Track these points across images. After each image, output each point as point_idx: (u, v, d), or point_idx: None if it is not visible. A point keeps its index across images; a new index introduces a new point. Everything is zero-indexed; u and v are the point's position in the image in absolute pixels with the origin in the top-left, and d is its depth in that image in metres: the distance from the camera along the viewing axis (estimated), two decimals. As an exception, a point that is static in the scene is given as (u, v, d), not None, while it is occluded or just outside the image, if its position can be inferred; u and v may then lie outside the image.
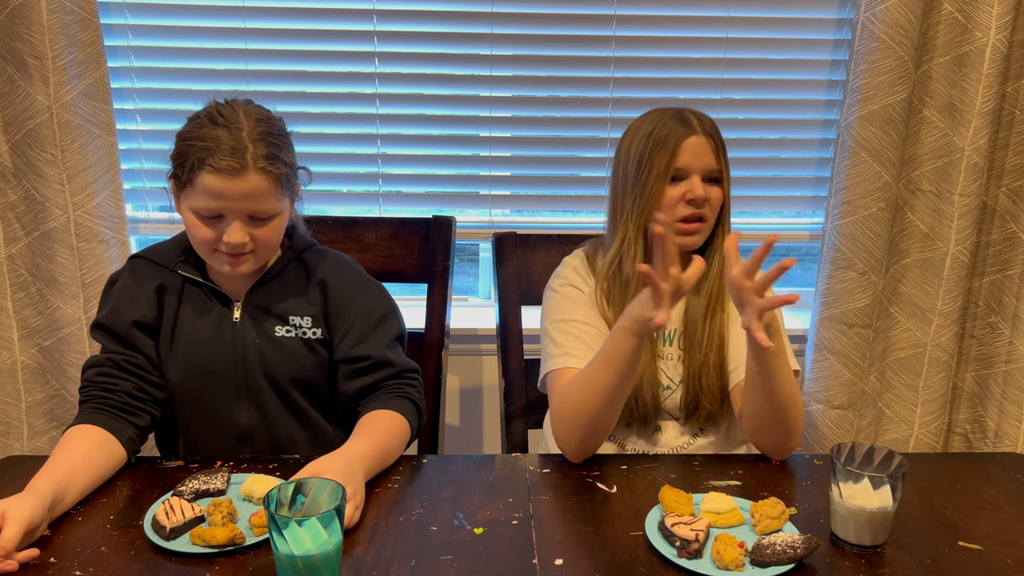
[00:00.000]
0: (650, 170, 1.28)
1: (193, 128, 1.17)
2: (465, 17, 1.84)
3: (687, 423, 1.36)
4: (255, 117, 1.17)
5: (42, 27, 1.61)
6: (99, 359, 1.24)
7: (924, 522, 1.09)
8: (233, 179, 1.13)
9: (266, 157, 1.14)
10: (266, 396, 1.28)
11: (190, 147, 1.15)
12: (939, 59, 1.74)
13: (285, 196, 1.21)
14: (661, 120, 1.30)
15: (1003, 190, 1.85)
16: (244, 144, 1.13)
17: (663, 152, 1.28)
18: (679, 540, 0.99)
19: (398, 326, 1.34)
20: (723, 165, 1.31)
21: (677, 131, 1.28)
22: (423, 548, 1.01)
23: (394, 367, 1.29)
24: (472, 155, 1.96)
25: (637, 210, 1.31)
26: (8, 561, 0.93)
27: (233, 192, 1.13)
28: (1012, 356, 1.90)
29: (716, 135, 1.31)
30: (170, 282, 1.28)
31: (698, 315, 1.34)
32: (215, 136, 1.13)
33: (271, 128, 1.18)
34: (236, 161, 1.12)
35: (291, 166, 1.21)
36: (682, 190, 1.29)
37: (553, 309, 1.37)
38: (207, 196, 1.14)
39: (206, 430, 1.30)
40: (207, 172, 1.13)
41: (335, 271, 1.33)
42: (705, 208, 1.29)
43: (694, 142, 1.28)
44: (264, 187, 1.15)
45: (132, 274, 1.29)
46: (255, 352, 1.27)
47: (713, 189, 1.30)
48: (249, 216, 1.17)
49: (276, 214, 1.20)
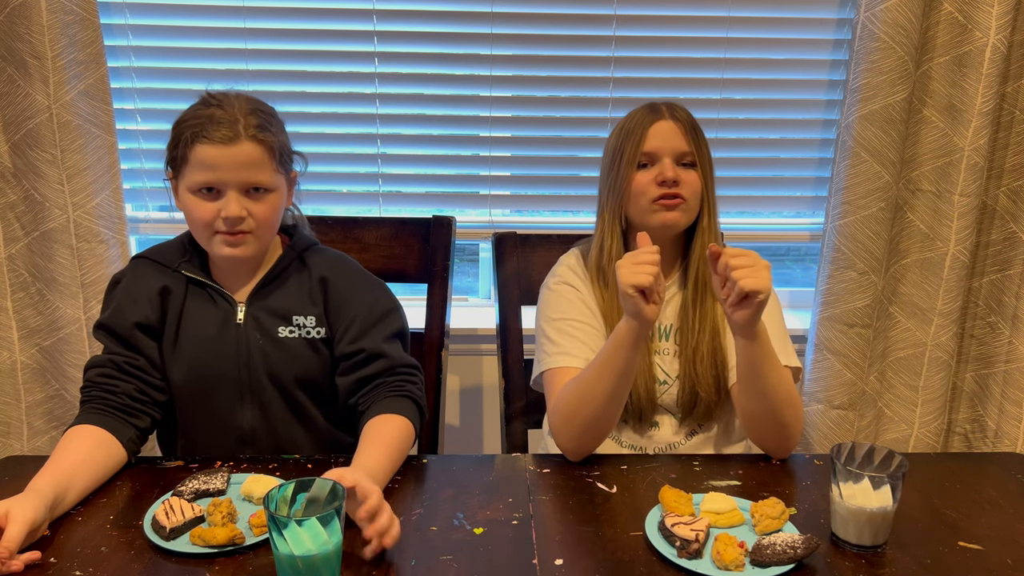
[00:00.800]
0: (621, 157, 1.32)
1: (187, 113, 1.21)
2: (465, 17, 1.84)
3: (685, 420, 1.37)
4: (245, 98, 1.22)
5: (42, 27, 1.61)
6: (101, 360, 1.24)
7: (924, 522, 1.09)
8: (227, 147, 1.16)
9: (257, 127, 1.18)
10: (269, 398, 1.28)
11: (184, 127, 1.19)
12: (939, 59, 1.74)
13: (280, 173, 1.22)
14: (633, 113, 1.34)
15: (1003, 190, 1.85)
16: (236, 117, 1.17)
17: (631, 139, 1.31)
18: (679, 540, 0.99)
19: (399, 323, 1.33)
20: (696, 149, 1.31)
21: (645, 119, 1.32)
22: (423, 548, 1.01)
23: (390, 360, 1.27)
24: (472, 155, 1.96)
25: (612, 199, 1.34)
26: (13, 562, 0.93)
27: (227, 161, 1.16)
28: (1012, 356, 1.90)
29: (687, 120, 1.32)
30: (173, 283, 1.28)
31: (690, 305, 1.35)
32: (208, 114, 1.18)
33: (261, 107, 1.23)
34: (229, 130, 1.16)
35: (284, 145, 1.24)
36: (652, 174, 1.30)
37: (549, 308, 1.38)
38: (203, 168, 1.17)
39: (208, 431, 1.30)
40: (201, 143, 1.16)
41: (336, 269, 1.33)
42: (683, 190, 1.29)
43: (661, 126, 1.31)
44: (258, 156, 1.18)
45: (135, 275, 1.29)
46: (259, 353, 1.26)
47: (687, 173, 1.31)
48: (245, 190, 1.19)
49: (272, 189, 1.21)
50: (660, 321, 1.37)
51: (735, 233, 2.01)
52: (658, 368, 1.36)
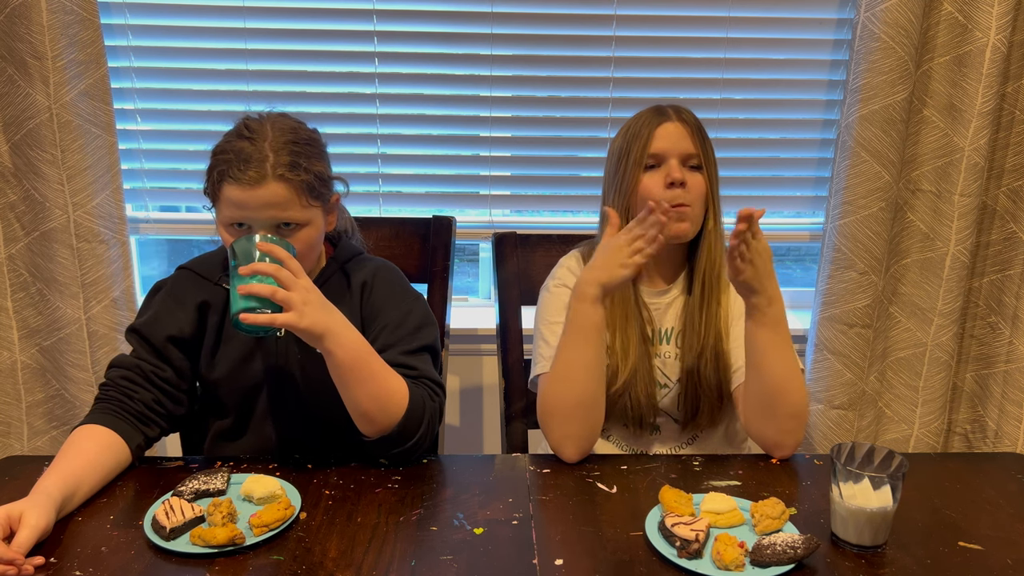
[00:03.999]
0: (627, 159, 1.31)
1: (222, 142, 1.18)
2: (465, 17, 1.84)
3: (686, 425, 1.36)
4: (281, 128, 1.17)
5: (42, 27, 1.61)
6: (128, 362, 1.23)
7: (924, 522, 1.09)
8: (253, 189, 1.12)
9: (287, 165, 1.14)
10: (301, 412, 1.27)
11: (217, 160, 1.16)
12: (939, 59, 1.74)
13: (313, 205, 1.18)
14: (639, 115, 1.34)
15: (1003, 190, 1.85)
16: (265, 154, 1.13)
17: (638, 140, 1.31)
18: (679, 540, 0.99)
19: (430, 338, 1.28)
20: (702, 152, 1.31)
21: (652, 120, 1.32)
22: (423, 548, 1.01)
23: (417, 371, 1.23)
24: (472, 155, 1.96)
25: (619, 200, 1.33)
26: (25, 566, 0.94)
27: (253, 202, 1.13)
28: (1012, 356, 1.90)
29: (694, 123, 1.32)
30: (214, 296, 1.27)
31: (695, 309, 1.35)
32: (238, 148, 1.14)
33: (297, 137, 1.18)
34: (255, 171, 1.12)
35: (319, 175, 1.19)
36: (660, 175, 1.30)
37: (547, 310, 1.38)
38: (231, 207, 1.15)
39: (241, 442, 1.30)
40: (228, 183, 1.13)
41: (377, 276, 1.31)
42: (687, 194, 1.29)
43: (668, 127, 1.31)
44: (285, 195, 1.14)
45: (176, 285, 1.28)
46: (296, 367, 1.26)
47: (694, 175, 1.30)
48: (275, 226, 1.16)
49: (304, 224, 1.18)
50: (661, 324, 1.37)
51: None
52: (658, 371, 1.36)
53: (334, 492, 1.13)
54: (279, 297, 1.06)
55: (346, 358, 1.12)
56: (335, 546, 1.00)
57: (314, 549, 1.00)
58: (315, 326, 1.08)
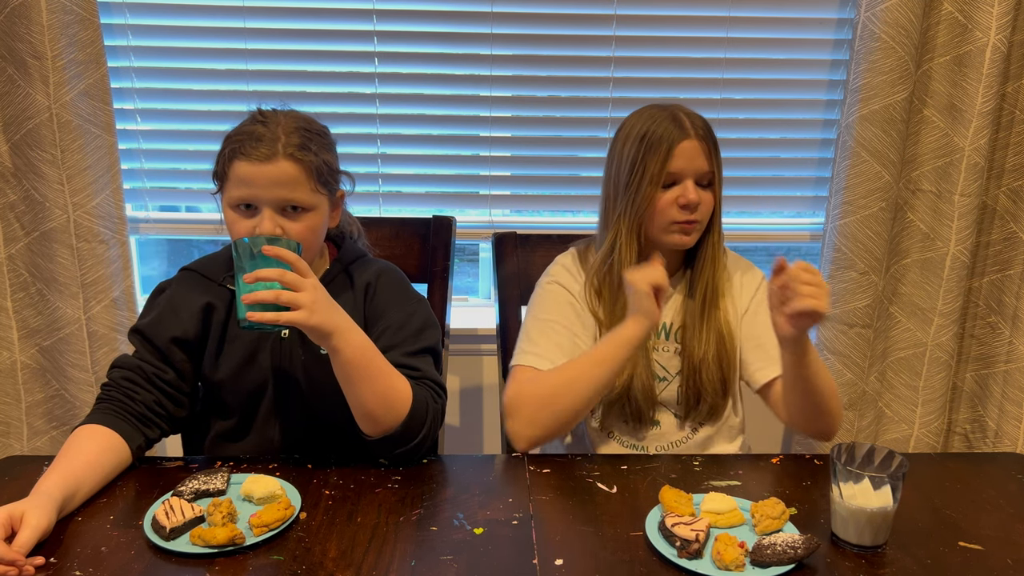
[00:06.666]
0: (643, 173, 1.28)
1: (236, 127, 1.20)
2: (465, 17, 1.84)
3: (687, 418, 1.38)
4: (294, 116, 1.21)
5: (42, 27, 1.61)
6: (130, 363, 1.23)
7: (924, 522, 1.09)
8: (263, 164, 1.14)
9: (298, 146, 1.16)
10: (304, 414, 1.27)
11: (228, 142, 1.18)
12: (939, 59, 1.74)
13: (320, 193, 1.20)
14: (654, 121, 1.29)
15: (1003, 190, 1.85)
16: (277, 135, 1.16)
17: (656, 156, 1.27)
18: (679, 540, 0.99)
19: (431, 340, 1.28)
20: (715, 167, 1.31)
21: (671, 134, 1.27)
22: (423, 548, 1.01)
23: (419, 372, 1.23)
24: (472, 155, 1.96)
25: (630, 212, 1.31)
26: (26, 567, 0.94)
27: (262, 178, 1.15)
28: (1012, 356, 1.90)
29: (709, 137, 1.30)
30: (218, 298, 1.27)
31: (695, 314, 1.36)
32: (251, 130, 1.17)
33: (309, 126, 1.21)
34: (267, 148, 1.15)
35: (327, 163, 1.21)
36: (675, 195, 1.29)
37: (537, 305, 1.39)
38: (239, 184, 1.16)
39: (243, 443, 1.30)
40: (239, 160, 1.15)
41: (381, 277, 1.31)
42: (698, 212, 1.30)
43: (687, 146, 1.27)
44: (294, 174, 1.16)
45: (180, 287, 1.28)
46: (300, 370, 1.26)
47: (705, 193, 1.30)
48: (281, 208, 1.17)
49: (309, 208, 1.19)
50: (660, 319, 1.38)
51: (735, 233, 2.01)
52: (656, 364, 1.37)
53: (334, 492, 1.13)
54: (284, 299, 1.06)
55: (352, 356, 1.12)
56: (335, 546, 1.00)
57: (314, 549, 1.00)
58: (324, 324, 1.09)
